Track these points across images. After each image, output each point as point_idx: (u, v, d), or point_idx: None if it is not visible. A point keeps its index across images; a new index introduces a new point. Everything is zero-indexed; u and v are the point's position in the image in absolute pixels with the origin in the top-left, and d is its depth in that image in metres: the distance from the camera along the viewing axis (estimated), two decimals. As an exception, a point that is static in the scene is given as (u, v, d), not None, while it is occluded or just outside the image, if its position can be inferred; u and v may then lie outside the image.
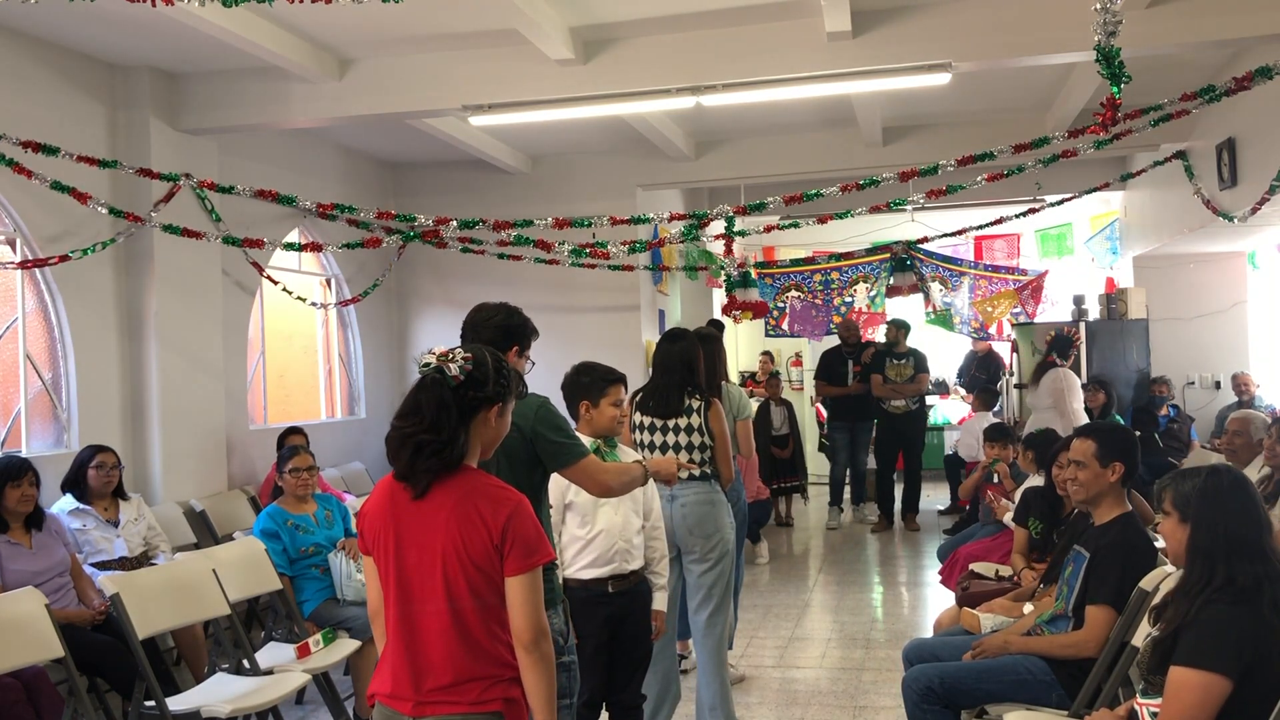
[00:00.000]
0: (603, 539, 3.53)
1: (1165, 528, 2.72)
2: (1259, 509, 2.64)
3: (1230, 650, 2.43)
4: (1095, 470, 3.47)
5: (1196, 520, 2.62)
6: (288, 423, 7.43)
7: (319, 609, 4.97)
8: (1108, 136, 5.72)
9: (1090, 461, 3.48)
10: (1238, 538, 2.56)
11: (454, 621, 2.18)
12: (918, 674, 3.49)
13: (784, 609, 6.70)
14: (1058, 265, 11.83)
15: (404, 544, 2.22)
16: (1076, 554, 3.53)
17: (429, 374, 2.21)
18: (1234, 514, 2.59)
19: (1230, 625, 2.46)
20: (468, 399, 2.22)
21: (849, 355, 9.58)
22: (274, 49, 5.64)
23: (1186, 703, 2.44)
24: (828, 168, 8.67)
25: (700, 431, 4.27)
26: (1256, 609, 2.47)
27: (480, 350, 2.29)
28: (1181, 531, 2.65)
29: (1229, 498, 2.62)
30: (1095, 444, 3.48)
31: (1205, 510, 2.62)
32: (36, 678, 3.95)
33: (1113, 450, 3.47)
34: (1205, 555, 2.57)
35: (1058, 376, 8.18)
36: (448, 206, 8.55)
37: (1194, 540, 2.61)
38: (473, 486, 2.21)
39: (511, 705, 2.20)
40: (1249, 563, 2.52)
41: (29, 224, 5.66)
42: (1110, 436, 3.53)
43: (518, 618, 2.17)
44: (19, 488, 4.58)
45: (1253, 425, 5.27)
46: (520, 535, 2.17)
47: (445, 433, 2.17)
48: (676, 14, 5.77)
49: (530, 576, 2.18)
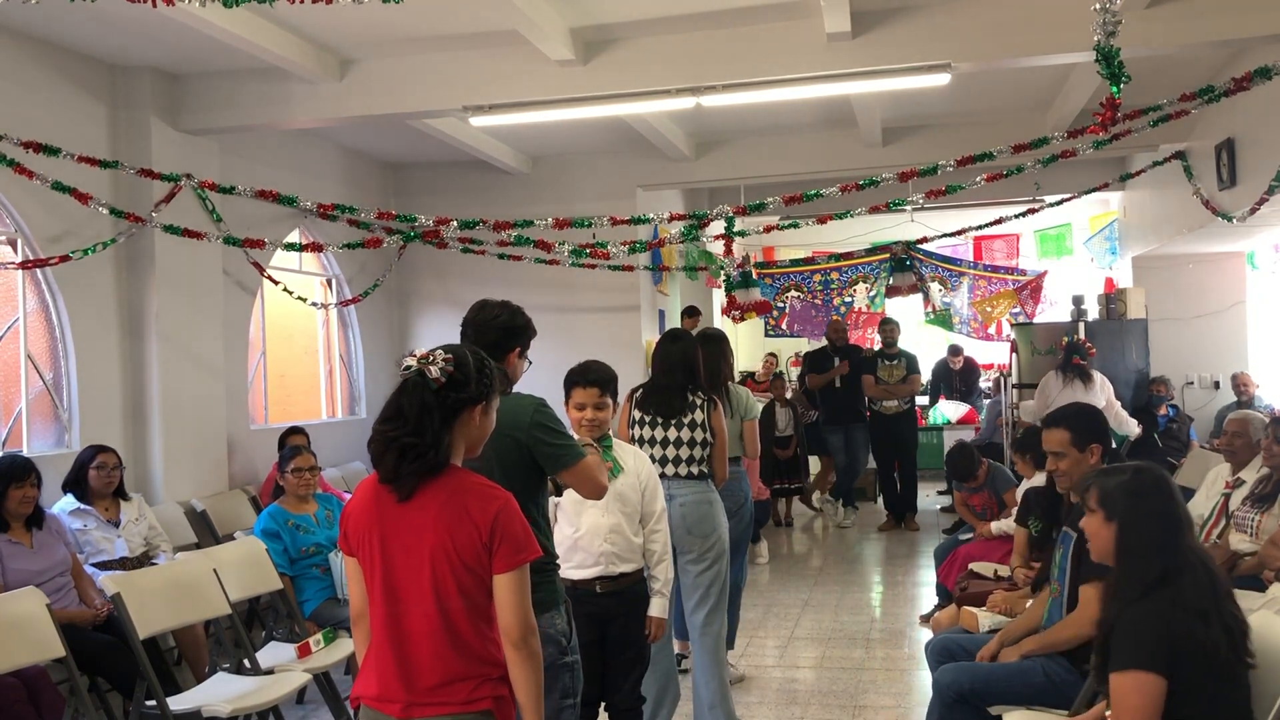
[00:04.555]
0: (587, 540, 3.51)
1: (1091, 524, 2.75)
2: (1180, 507, 2.69)
3: (1152, 646, 2.46)
4: (1075, 457, 3.52)
5: (1123, 520, 2.65)
6: (288, 422, 7.44)
7: (319, 609, 4.98)
8: (1107, 137, 5.72)
9: (1068, 450, 3.53)
10: (1160, 537, 2.60)
11: (443, 622, 2.18)
12: (951, 679, 3.49)
13: (784, 609, 6.71)
14: (1057, 265, 11.85)
15: (390, 546, 2.21)
16: (1065, 535, 3.55)
17: (410, 377, 2.21)
18: (1157, 514, 2.63)
19: (1146, 621, 2.50)
20: (450, 400, 2.21)
21: (836, 356, 9.58)
22: (274, 49, 5.65)
23: (1130, 707, 2.46)
24: (828, 168, 8.68)
25: (703, 428, 4.28)
26: (1169, 601, 2.50)
27: (461, 350, 2.29)
28: (1107, 530, 2.69)
29: (1152, 498, 2.66)
30: (1068, 431, 3.54)
31: (1131, 510, 2.65)
32: (38, 677, 3.95)
33: (1086, 434, 3.53)
34: (1132, 554, 2.61)
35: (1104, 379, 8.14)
36: (448, 207, 8.55)
37: (1121, 540, 2.65)
38: (459, 486, 2.21)
39: (501, 703, 2.21)
40: (1167, 558, 2.56)
41: (30, 224, 5.66)
42: (1079, 421, 3.59)
43: (506, 615, 2.18)
44: (21, 488, 4.59)
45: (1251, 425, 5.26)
46: (508, 532, 2.18)
47: (428, 435, 2.18)
48: (676, 14, 5.77)
49: (518, 574, 2.18)
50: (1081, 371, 8.09)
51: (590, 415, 3.44)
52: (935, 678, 3.59)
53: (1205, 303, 9.86)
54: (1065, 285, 11.24)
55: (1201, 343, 9.86)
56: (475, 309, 3.03)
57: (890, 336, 9.62)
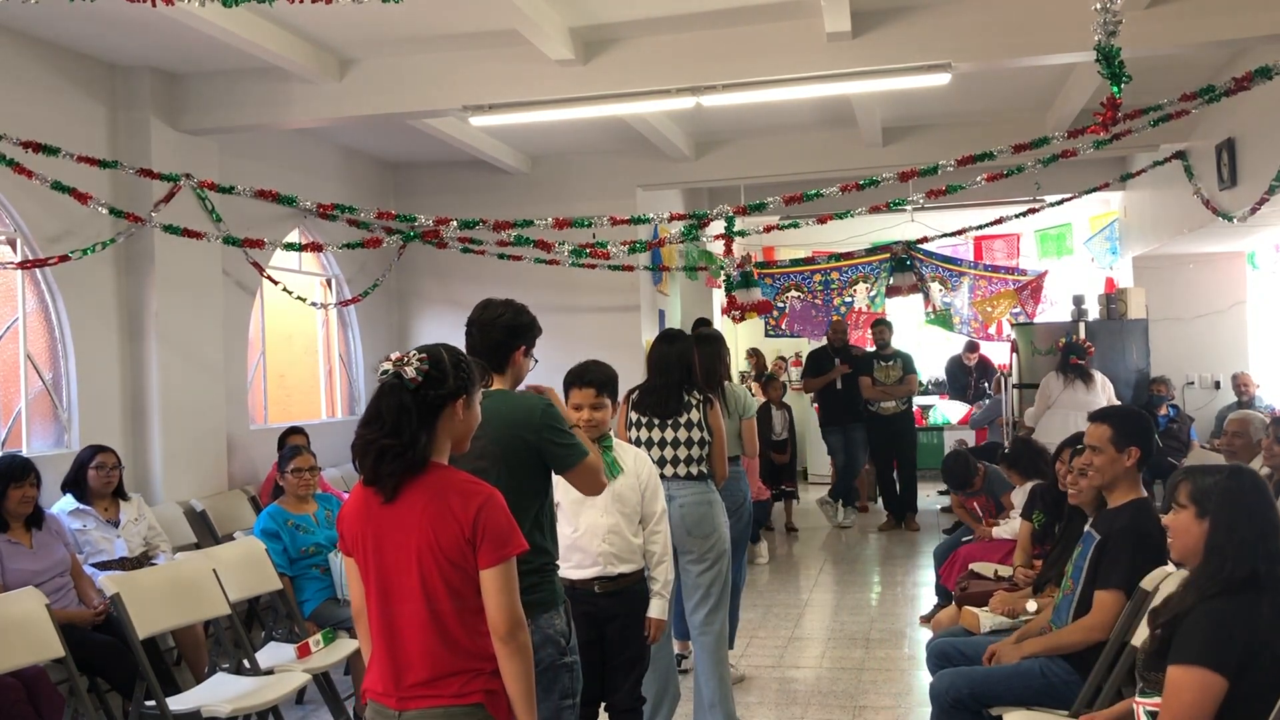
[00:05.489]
0: (586, 540, 3.51)
1: (1178, 521, 2.66)
2: (1274, 511, 2.62)
3: (1225, 647, 2.41)
4: (1111, 455, 3.44)
5: (1216, 518, 2.58)
6: (288, 423, 7.44)
7: (319, 609, 4.98)
8: (1107, 136, 5.72)
9: (1106, 446, 3.45)
10: (1254, 540, 2.53)
11: (431, 618, 2.20)
12: (948, 684, 3.48)
13: (784, 609, 6.70)
14: (1057, 265, 11.84)
15: (381, 544, 2.25)
16: (1088, 535, 3.53)
17: (387, 380, 2.23)
18: (1255, 516, 2.56)
19: (1224, 620, 2.44)
20: (429, 399, 2.24)
21: (836, 355, 9.58)
22: (274, 49, 5.65)
23: (1184, 702, 2.42)
24: (828, 168, 8.67)
25: (700, 427, 4.27)
26: (1253, 604, 2.45)
27: (436, 349, 2.31)
28: (1197, 527, 2.61)
29: (1251, 499, 2.59)
30: (1111, 429, 3.47)
31: (1226, 509, 2.57)
32: (37, 677, 3.95)
33: (1129, 435, 3.45)
34: (1221, 553, 2.54)
35: (1105, 379, 8.14)
36: (448, 206, 8.54)
37: (1213, 539, 2.57)
38: (443, 483, 2.23)
39: (493, 697, 2.23)
40: (1259, 562, 2.50)
41: (29, 224, 5.66)
42: (1125, 421, 3.52)
43: (493, 610, 2.19)
44: (21, 488, 4.59)
45: (1252, 425, 5.27)
46: (492, 527, 2.19)
47: (406, 436, 2.20)
48: (676, 14, 5.77)
49: (504, 568, 2.20)
50: (1082, 372, 8.09)
51: (587, 416, 3.44)
52: (932, 684, 3.58)
53: (1206, 303, 9.85)
54: (1065, 285, 11.23)
55: (1202, 343, 9.86)
56: (480, 308, 3.03)
57: (882, 337, 9.64)
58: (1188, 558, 2.65)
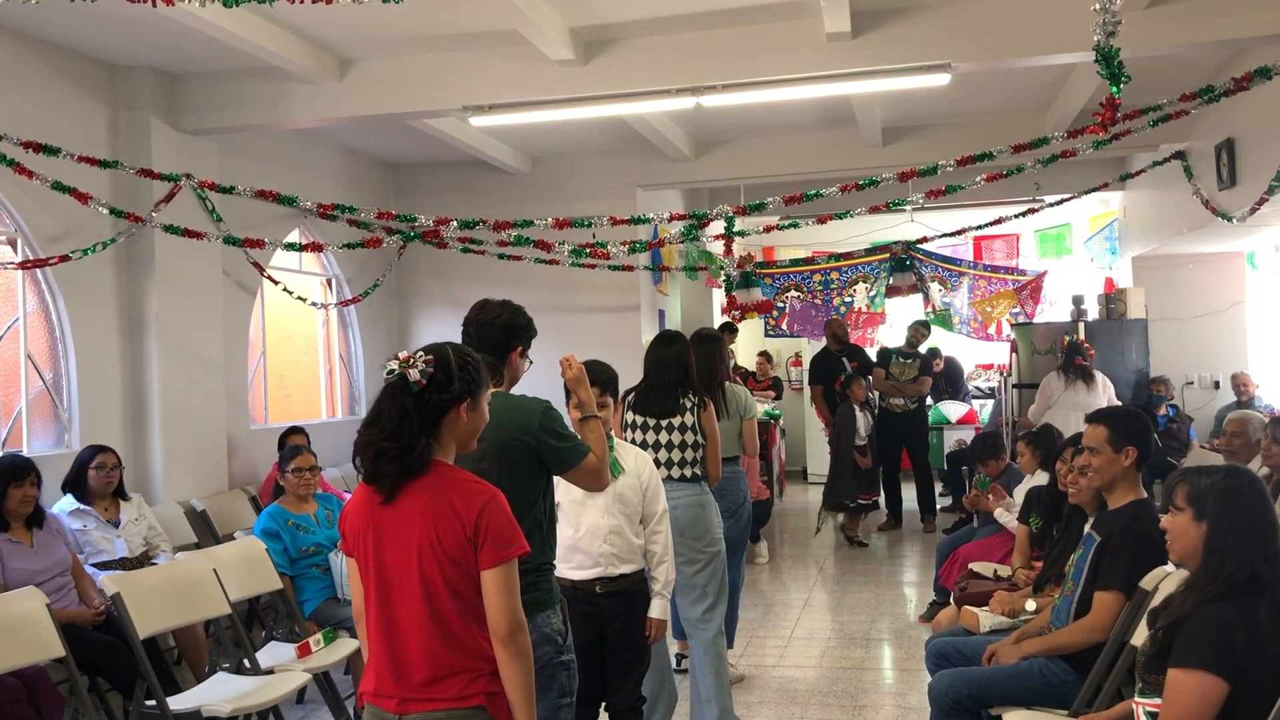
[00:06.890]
0: (587, 541, 3.52)
1: (1176, 524, 2.65)
2: (1273, 511, 2.61)
3: (1226, 650, 2.40)
4: (1109, 455, 3.44)
5: (1214, 519, 2.57)
6: (288, 422, 7.44)
7: (320, 608, 4.98)
8: (1107, 137, 5.72)
9: (1103, 447, 3.45)
10: (1253, 540, 2.52)
11: (432, 618, 2.19)
12: (947, 684, 3.48)
13: (784, 609, 6.71)
14: (1057, 265, 11.84)
15: (382, 544, 2.24)
16: (1088, 537, 3.53)
17: (392, 380, 2.22)
18: (1252, 516, 2.56)
19: (1224, 623, 2.43)
20: (433, 402, 2.22)
21: (840, 354, 9.56)
22: (274, 49, 5.65)
23: (1185, 706, 2.41)
24: (828, 168, 8.68)
25: (694, 430, 4.28)
26: (1253, 607, 2.44)
27: (442, 349, 2.29)
28: (1195, 529, 2.60)
29: (1248, 499, 2.58)
30: (1108, 430, 3.46)
31: (1224, 510, 2.57)
32: (37, 677, 3.95)
33: (1125, 435, 3.45)
34: (1220, 555, 2.53)
35: (1106, 380, 8.14)
36: (448, 206, 8.56)
37: (1211, 540, 2.56)
38: (446, 483, 2.22)
39: (494, 699, 2.21)
40: (1258, 563, 2.49)
41: (30, 224, 5.66)
42: (1122, 421, 3.51)
43: (493, 611, 2.18)
44: (21, 488, 4.59)
45: (1251, 425, 5.27)
46: (494, 527, 2.18)
47: (405, 439, 2.18)
48: (676, 14, 5.77)
49: (505, 569, 2.18)
50: (1084, 372, 8.10)
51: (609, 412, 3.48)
52: (931, 684, 3.58)
53: (1205, 303, 9.85)
54: (1065, 285, 11.23)
55: (1201, 343, 9.87)
56: (477, 308, 3.03)
57: (916, 338, 9.60)
58: (1187, 560, 2.65)
